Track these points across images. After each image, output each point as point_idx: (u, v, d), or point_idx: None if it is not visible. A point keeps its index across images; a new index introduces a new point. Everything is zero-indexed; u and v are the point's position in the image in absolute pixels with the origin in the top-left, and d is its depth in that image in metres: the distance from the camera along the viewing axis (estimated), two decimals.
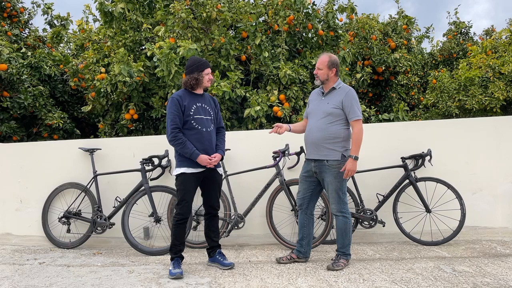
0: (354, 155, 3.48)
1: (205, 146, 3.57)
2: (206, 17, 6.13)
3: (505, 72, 7.61)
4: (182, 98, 3.55)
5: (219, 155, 3.64)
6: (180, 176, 3.55)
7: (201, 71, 3.60)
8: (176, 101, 3.52)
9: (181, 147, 3.47)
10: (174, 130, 3.48)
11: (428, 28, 12.67)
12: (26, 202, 5.02)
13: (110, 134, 7.47)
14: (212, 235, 3.80)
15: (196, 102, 3.61)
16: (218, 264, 3.74)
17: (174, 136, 3.48)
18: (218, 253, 3.79)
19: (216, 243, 3.81)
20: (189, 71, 3.61)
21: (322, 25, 7.27)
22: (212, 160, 3.54)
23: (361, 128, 3.53)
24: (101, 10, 7.19)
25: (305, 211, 3.79)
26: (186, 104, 3.54)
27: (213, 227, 3.80)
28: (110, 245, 4.78)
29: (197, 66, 3.59)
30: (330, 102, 3.61)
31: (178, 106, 3.51)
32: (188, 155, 3.48)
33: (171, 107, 3.52)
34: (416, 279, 3.26)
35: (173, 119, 3.49)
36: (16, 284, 3.45)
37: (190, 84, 3.61)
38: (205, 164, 3.53)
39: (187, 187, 3.53)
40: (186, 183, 3.53)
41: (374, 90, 9.66)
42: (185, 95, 3.59)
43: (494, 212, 4.64)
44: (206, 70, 3.62)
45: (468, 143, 4.68)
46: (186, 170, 3.53)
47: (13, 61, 7.47)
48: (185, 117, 3.53)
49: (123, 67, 6.11)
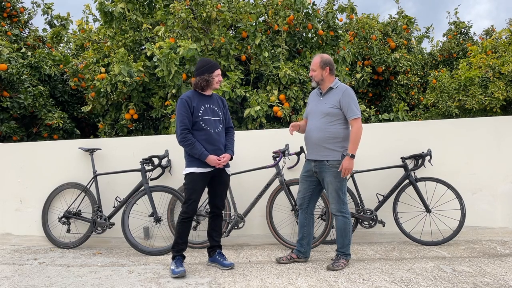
0: (351, 154, 3.48)
1: (214, 146, 3.59)
2: (206, 17, 6.13)
3: (505, 72, 7.61)
4: (191, 99, 3.58)
5: (228, 155, 3.66)
6: (189, 175, 3.58)
7: (212, 72, 3.62)
8: (185, 102, 3.54)
9: (191, 148, 3.50)
10: (183, 131, 3.51)
11: (428, 28, 12.68)
12: (26, 202, 5.02)
13: (110, 134, 7.47)
14: (214, 235, 3.81)
15: (204, 103, 3.64)
16: (218, 265, 3.74)
17: (184, 137, 3.50)
18: (218, 253, 3.79)
19: (217, 243, 3.82)
20: (200, 73, 3.62)
21: (322, 25, 7.27)
22: (221, 160, 3.57)
23: (360, 127, 3.52)
24: (101, 10, 7.19)
25: (305, 210, 3.79)
26: (195, 105, 3.57)
27: (216, 226, 3.81)
28: (110, 245, 4.78)
29: (207, 67, 3.62)
30: (328, 102, 3.61)
31: (187, 107, 3.53)
32: (197, 155, 3.51)
33: (180, 108, 3.54)
34: (416, 279, 3.26)
35: (182, 120, 3.52)
36: (16, 284, 3.45)
37: (200, 86, 3.64)
38: (214, 165, 3.56)
39: (195, 186, 3.56)
40: (194, 182, 3.56)
41: (374, 90, 9.67)
42: (194, 96, 3.62)
43: (494, 212, 4.64)
44: (216, 71, 3.64)
45: (468, 143, 4.68)
46: (195, 170, 3.56)
47: (13, 61, 7.47)
48: (194, 118, 3.56)
49: (123, 67, 6.11)
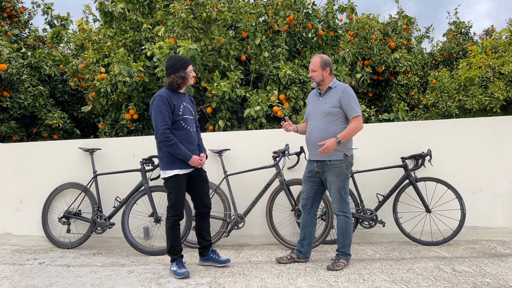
0: (339, 139, 3.45)
1: (192, 146, 3.56)
2: (206, 17, 6.13)
3: (505, 72, 7.61)
4: (170, 97, 3.46)
5: (204, 155, 3.67)
6: (173, 177, 3.48)
7: (185, 68, 3.53)
8: (166, 100, 3.41)
9: (174, 149, 3.40)
10: (166, 131, 3.39)
11: (428, 28, 12.68)
12: (26, 202, 5.02)
13: (110, 134, 7.47)
14: (205, 234, 3.77)
15: (182, 102, 3.57)
16: (213, 262, 3.74)
17: (167, 137, 3.38)
18: (211, 251, 3.79)
19: (209, 242, 3.80)
20: (173, 70, 3.51)
21: (322, 25, 7.27)
22: (202, 160, 3.57)
23: (360, 124, 3.52)
24: (101, 10, 7.19)
25: (308, 211, 3.79)
26: (176, 103, 3.48)
27: (205, 226, 3.78)
28: (110, 245, 4.78)
29: (181, 64, 3.52)
30: (327, 101, 3.61)
31: (168, 106, 3.41)
32: (181, 156, 3.43)
33: (160, 106, 3.39)
34: (416, 279, 3.26)
35: (164, 118, 3.38)
36: (16, 284, 3.45)
37: (177, 83, 3.52)
38: (196, 165, 3.52)
39: (181, 188, 3.52)
40: (180, 184, 3.51)
41: (374, 90, 9.66)
42: (172, 95, 3.51)
43: (494, 212, 4.64)
44: (189, 67, 3.56)
45: (468, 143, 4.68)
46: (179, 171, 3.49)
47: (13, 61, 7.47)
48: (174, 117, 3.45)
49: (123, 67, 6.11)
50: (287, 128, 3.75)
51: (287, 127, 3.74)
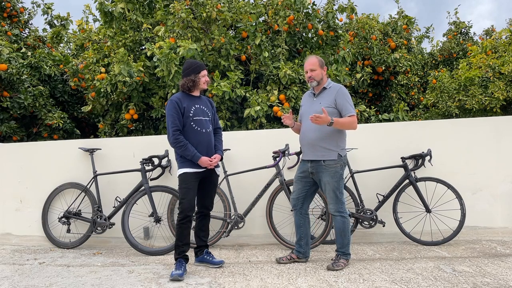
0: (333, 121, 3.41)
1: (205, 147, 3.62)
2: (206, 17, 6.13)
3: (505, 72, 7.61)
4: (181, 100, 3.60)
5: (219, 156, 3.71)
6: (182, 175, 3.59)
7: (198, 73, 3.66)
8: (175, 103, 3.56)
9: (183, 150, 3.52)
10: (175, 133, 3.53)
11: (428, 28, 12.68)
12: (26, 202, 5.02)
13: (110, 134, 7.47)
14: (201, 235, 3.82)
15: (194, 104, 3.67)
16: (207, 264, 3.76)
17: (176, 139, 3.52)
18: (205, 252, 3.81)
19: (204, 243, 3.84)
20: (186, 74, 3.67)
21: (322, 25, 7.27)
22: (212, 161, 3.61)
23: (355, 122, 3.54)
24: (101, 10, 7.19)
25: (299, 211, 3.80)
26: (186, 106, 3.59)
27: (203, 226, 3.82)
28: (110, 245, 4.78)
29: (193, 68, 3.66)
30: (322, 102, 3.62)
31: (178, 108, 3.56)
32: (190, 157, 3.53)
33: (170, 110, 3.56)
34: (416, 279, 3.27)
35: (174, 121, 3.54)
36: (16, 284, 3.45)
37: (187, 87, 3.67)
38: (206, 166, 3.59)
39: (189, 185, 3.57)
40: (188, 181, 3.57)
41: (374, 90, 9.66)
42: (183, 97, 3.65)
43: (494, 212, 4.64)
44: (202, 72, 3.68)
45: (468, 143, 4.68)
46: (188, 170, 3.58)
47: (13, 61, 7.47)
48: (184, 119, 3.58)
49: (123, 67, 6.11)
50: (284, 120, 3.77)
51: (285, 119, 3.76)
